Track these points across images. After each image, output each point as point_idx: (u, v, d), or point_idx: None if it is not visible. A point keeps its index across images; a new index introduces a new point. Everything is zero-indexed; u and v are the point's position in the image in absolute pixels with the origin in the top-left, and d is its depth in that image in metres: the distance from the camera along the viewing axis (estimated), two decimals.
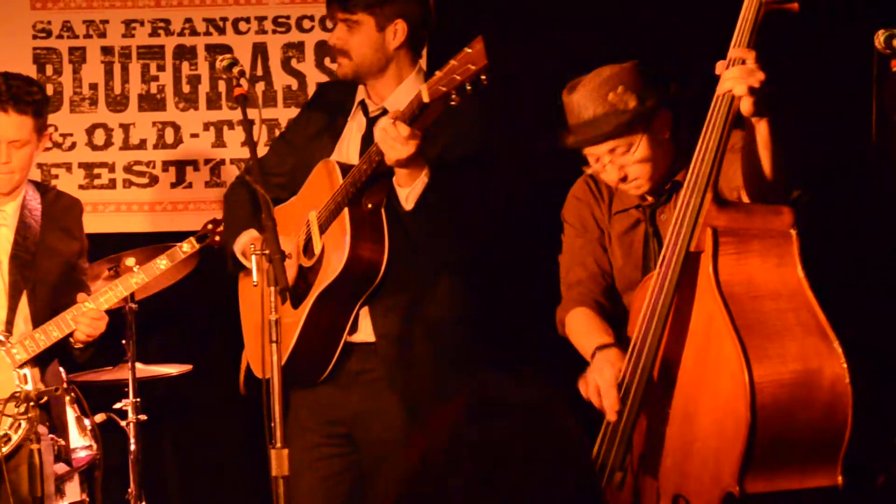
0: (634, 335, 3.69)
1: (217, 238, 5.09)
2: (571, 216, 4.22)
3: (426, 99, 4.12)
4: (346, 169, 4.51)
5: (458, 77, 4.05)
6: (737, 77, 3.53)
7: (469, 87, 4.06)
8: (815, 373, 3.41)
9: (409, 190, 4.32)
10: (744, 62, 3.54)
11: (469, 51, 4.05)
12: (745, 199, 3.74)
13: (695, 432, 3.55)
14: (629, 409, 3.67)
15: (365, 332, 4.56)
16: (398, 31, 4.63)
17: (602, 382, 3.75)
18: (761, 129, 3.56)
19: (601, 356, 3.85)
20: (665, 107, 3.97)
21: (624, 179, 3.99)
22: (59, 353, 4.99)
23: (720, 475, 3.43)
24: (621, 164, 3.98)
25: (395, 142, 4.19)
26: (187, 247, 5.07)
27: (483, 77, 4.04)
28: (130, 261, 5.02)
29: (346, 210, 4.45)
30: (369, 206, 4.46)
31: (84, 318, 4.87)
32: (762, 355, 3.39)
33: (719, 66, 3.63)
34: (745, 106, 3.54)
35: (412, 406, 4.50)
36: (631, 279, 4.06)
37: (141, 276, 5.02)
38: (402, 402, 4.51)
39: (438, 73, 4.11)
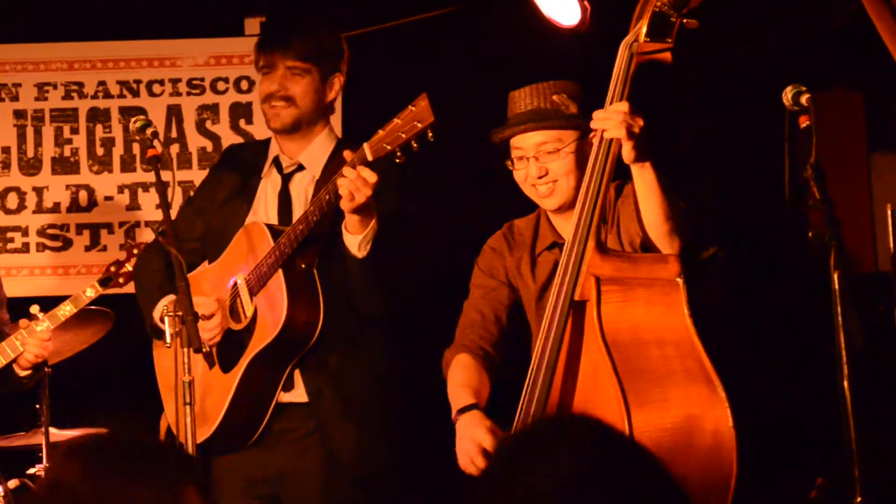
0: (525, 383, 3.69)
1: (121, 280, 4.99)
2: (483, 263, 4.21)
3: (369, 157, 4.12)
4: (275, 231, 4.47)
5: (404, 135, 4.07)
6: (613, 120, 3.58)
7: (415, 145, 4.07)
8: (697, 418, 3.45)
9: (361, 237, 4.27)
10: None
11: (413, 108, 4.06)
12: (637, 250, 3.78)
13: None
14: None
15: (299, 391, 4.51)
16: (335, 85, 4.64)
17: (472, 449, 3.76)
18: (645, 175, 3.61)
19: (462, 421, 3.85)
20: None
21: (543, 177, 3.96)
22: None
23: None
24: (545, 162, 3.97)
25: (361, 185, 4.14)
26: (91, 291, 4.96)
27: (430, 133, 4.05)
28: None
29: (279, 272, 4.41)
30: (303, 265, 4.43)
31: (33, 339, 4.80)
32: (643, 401, 3.42)
33: (596, 115, 3.67)
34: (626, 152, 3.58)
35: (341, 462, 4.47)
36: None
37: (46, 324, 4.89)
38: (330, 459, 4.47)
39: (381, 132, 4.11)
